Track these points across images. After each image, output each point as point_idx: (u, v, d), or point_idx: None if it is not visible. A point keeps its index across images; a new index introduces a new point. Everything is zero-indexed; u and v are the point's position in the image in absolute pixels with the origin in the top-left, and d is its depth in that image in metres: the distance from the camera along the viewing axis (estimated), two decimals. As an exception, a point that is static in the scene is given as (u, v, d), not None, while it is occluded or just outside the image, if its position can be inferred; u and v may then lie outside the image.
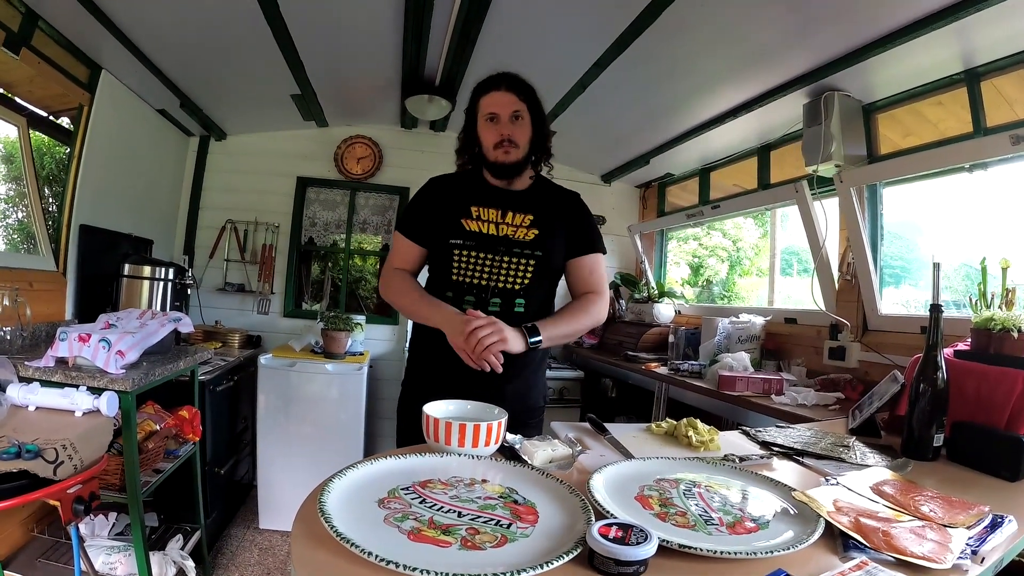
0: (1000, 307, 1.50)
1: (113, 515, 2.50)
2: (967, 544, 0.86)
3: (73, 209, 2.78)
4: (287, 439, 3.29)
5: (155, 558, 2.31)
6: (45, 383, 1.88)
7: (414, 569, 0.65)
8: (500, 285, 1.63)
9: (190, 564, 2.45)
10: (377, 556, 0.67)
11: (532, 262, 1.64)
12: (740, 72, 2.66)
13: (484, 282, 1.62)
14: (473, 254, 1.61)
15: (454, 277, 1.62)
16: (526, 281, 1.64)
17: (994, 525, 0.94)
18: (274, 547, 3.14)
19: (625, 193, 4.84)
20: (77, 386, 1.87)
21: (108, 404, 1.83)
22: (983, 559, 0.83)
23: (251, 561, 2.98)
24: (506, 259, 1.62)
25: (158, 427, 2.30)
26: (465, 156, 1.74)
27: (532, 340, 1.52)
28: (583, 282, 1.74)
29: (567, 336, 1.66)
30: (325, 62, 3.06)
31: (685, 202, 4.31)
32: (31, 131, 2.57)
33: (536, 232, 1.66)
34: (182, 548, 2.49)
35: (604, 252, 1.77)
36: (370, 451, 3.69)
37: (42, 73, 2.47)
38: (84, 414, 1.80)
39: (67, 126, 2.82)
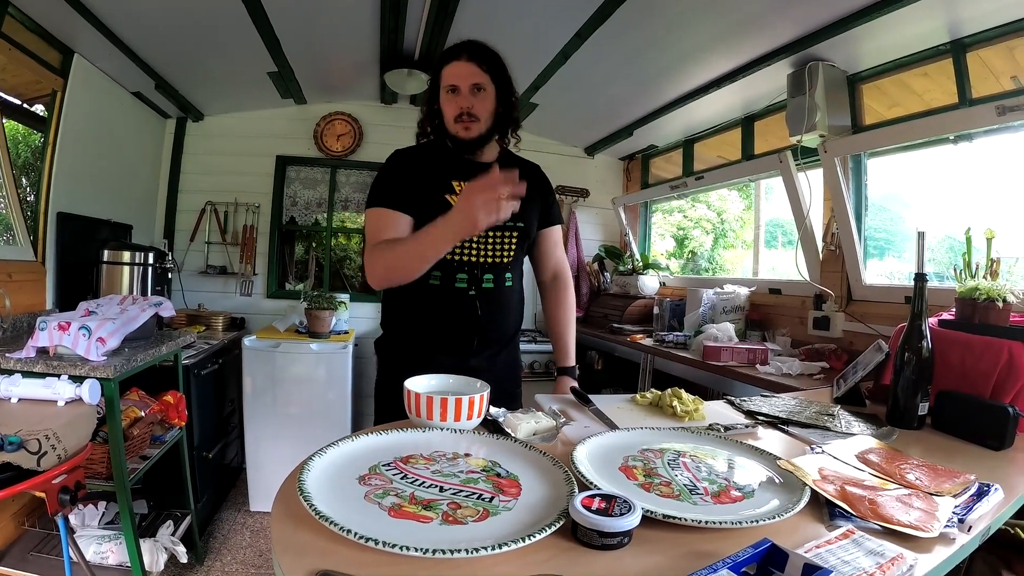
0: (985, 277, 1.50)
1: (103, 504, 2.49)
2: (954, 512, 0.86)
3: (50, 197, 2.72)
4: (274, 420, 3.28)
5: (146, 545, 2.30)
6: (27, 374, 1.86)
7: (394, 546, 0.64)
8: (490, 260, 1.60)
9: (181, 549, 2.45)
10: (356, 534, 0.66)
11: (515, 234, 1.64)
12: (724, 41, 2.63)
13: (474, 258, 1.58)
14: None
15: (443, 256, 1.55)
16: (511, 254, 1.64)
17: (980, 493, 0.94)
18: (265, 529, 3.14)
19: (609, 166, 4.82)
20: (59, 375, 1.85)
21: (90, 392, 1.81)
22: (970, 527, 0.83)
23: (243, 544, 2.98)
24: (493, 233, 1.59)
25: (143, 413, 2.28)
26: (428, 127, 1.66)
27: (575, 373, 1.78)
28: (550, 255, 1.82)
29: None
30: (302, 38, 2.99)
31: (669, 174, 4.30)
32: (4, 120, 2.49)
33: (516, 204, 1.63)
34: (173, 534, 2.49)
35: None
36: (357, 430, 3.69)
37: (13, 60, 2.40)
38: (67, 403, 1.79)
39: (41, 113, 2.74)
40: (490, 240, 1.60)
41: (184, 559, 2.46)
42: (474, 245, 1.58)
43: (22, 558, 2.26)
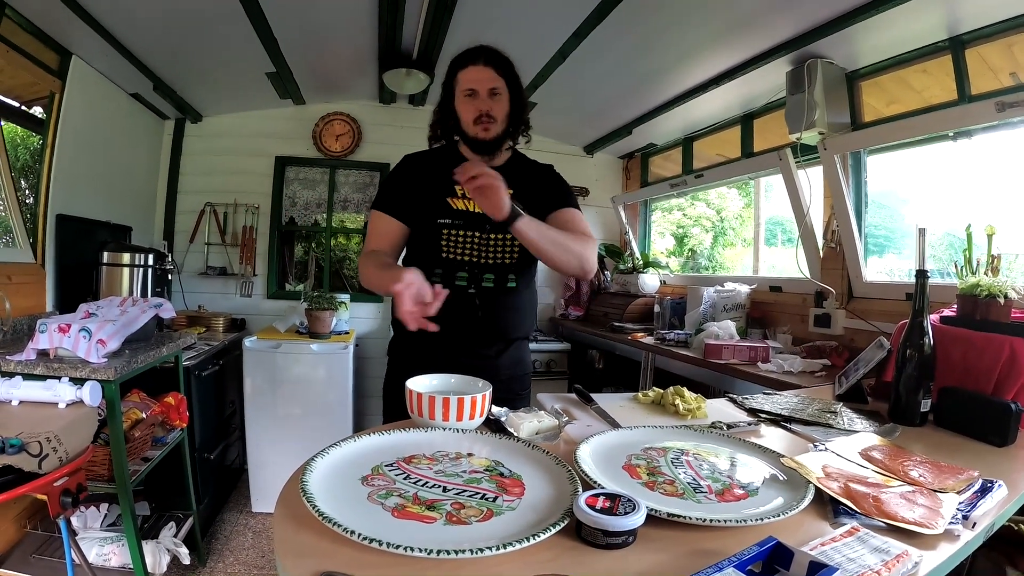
0: (986, 273, 1.50)
1: (104, 506, 2.49)
2: (958, 509, 0.86)
3: (49, 199, 2.71)
4: (276, 421, 3.28)
5: (148, 547, 2.30)
6: (27, 376, 1.85)
7: (398, 546, 0.64)
8: (491, 262, 1.61)
9: (184, 551, 2.44)
10: (360, 535, 0.66)
11: (516, 238, 1.62)
12: (723, 39, 2.63)
13: (475, 259, 1.60)
14: (462, 232, 1.59)
15: (444, 255, 1.59)
16: (515, 257, 1.63)
17: (984, 490, 0.93)
18: (267, 530, 3.14)
19: (608, 164, 4.81)
20: (59, 378, 1.85)
21: (91, 394, 1.81)
22: (974, 524, 0.83)
23: (245, 545, 2.98)
24: (493, 235, 1.60)
25: (144, 415, 2.27)
26: (439, 130, 1.71)
27: (514, 211, 1.38)
28: (567, 229, 1.62)
29: (551, 241, 1.49)
30: (299, 37, 2.98)
31: (668, 172, 4.29)
32: (3, 122, 2.49)
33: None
34: (175, 535, 2.49)
35: (579, 210, 1.73)
36: (358, 430, 3.69)
37: (11, 62, 2.40)
38: (68, 405, 1.78)
39: (40, 115, 2.73)
40: (490, 243, 1.61)
41: (187, 560, 2.46)
42: (476, 246, 1.60)
43: (24, 560, 2.25)
